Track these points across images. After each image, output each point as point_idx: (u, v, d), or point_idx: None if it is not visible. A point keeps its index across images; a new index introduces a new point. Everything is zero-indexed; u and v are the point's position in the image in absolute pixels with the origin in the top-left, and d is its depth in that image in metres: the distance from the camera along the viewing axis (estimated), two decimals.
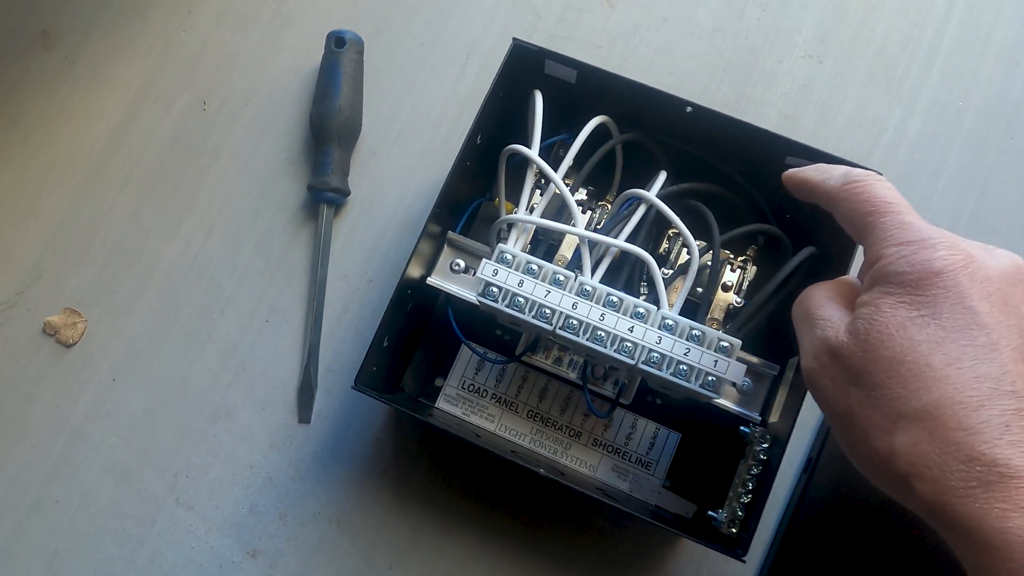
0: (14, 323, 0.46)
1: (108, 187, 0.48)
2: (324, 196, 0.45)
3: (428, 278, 0.39)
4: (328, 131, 0.45)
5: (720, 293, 0.40)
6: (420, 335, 0.45)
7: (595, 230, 0.40)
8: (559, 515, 0.43)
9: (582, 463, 0.43)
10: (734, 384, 0.38)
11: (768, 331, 0.41)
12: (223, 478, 0.44)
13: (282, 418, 0.44)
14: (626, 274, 0.38)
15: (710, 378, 0.34)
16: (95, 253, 0.47)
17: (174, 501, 0.43)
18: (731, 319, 0.40)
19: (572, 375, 0.43)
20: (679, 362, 0.34)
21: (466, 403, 0.44)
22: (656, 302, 0.36)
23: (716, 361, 0.34)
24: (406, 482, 0.43)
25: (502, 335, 0.44)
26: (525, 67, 0.39)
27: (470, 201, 0.43)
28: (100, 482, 0.44)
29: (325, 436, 0.44)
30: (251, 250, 0.47)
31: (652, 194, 0.37)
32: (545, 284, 0.35)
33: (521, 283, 0.35)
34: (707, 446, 0.42)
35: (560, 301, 0.35)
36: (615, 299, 0.35)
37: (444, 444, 0.44)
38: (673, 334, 0.35)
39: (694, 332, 0.35)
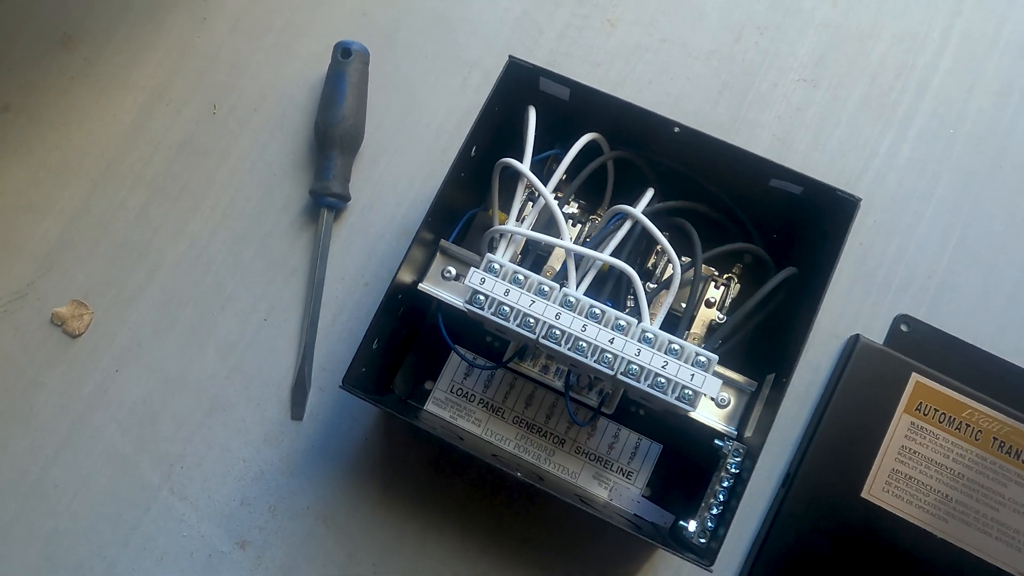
0: (24, 312, 0.48)
1: (119, 185, 0.50)
2: (325, 201, 0.47)
3: (420, 284, 0.41)
4: (331, 138, 0.47)
5: (703, 309, 0.41)
6: (412, 339, 0.46)
7: (584, 243, 0.41)
8: (539, 520, 0.44)
9: (564, 470, 0.44)
10: (713, 399, 0.39)
11: (748, 348, 0.42)
12: (216, 470, 0.45)
13: (276, 414, 0.46)
14: (611, 287, 0.39)
15: (687, 391, 0.35)
16: (104, 248, 0.49)
17: (168, 490, 0.45)
18: (713, 335, 0.40)
19: (558, 383, 0.44)
20: (656, 375, 0.35)
21: (454, 407, 0.45)
22: (638, 315, 0.37)
23: (693, 375, 0.35)
24: (393, 482, 0.45)
25: (492, 342, 0.46)
26: (520, 83, 0.40)
27: (465, 210, 0.45)
28: (99, 468, 0.45)
29: (316, 434, 0.45)
30: (253, 251, 0.48)
31: (638, 211, 0.38)
32: (530, 294, 0.37)
33: (507, 292, 0.37)
34: (687, 458, 0.43)
35: (544, 311, 0.36)
36: (597, 311, 0.36)
37: (431, 446, 0.45)
38: (652, 347, 0.36)
39: (673, 346, 0.36)
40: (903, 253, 0.47)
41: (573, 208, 0.44)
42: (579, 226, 0.43)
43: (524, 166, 0.39)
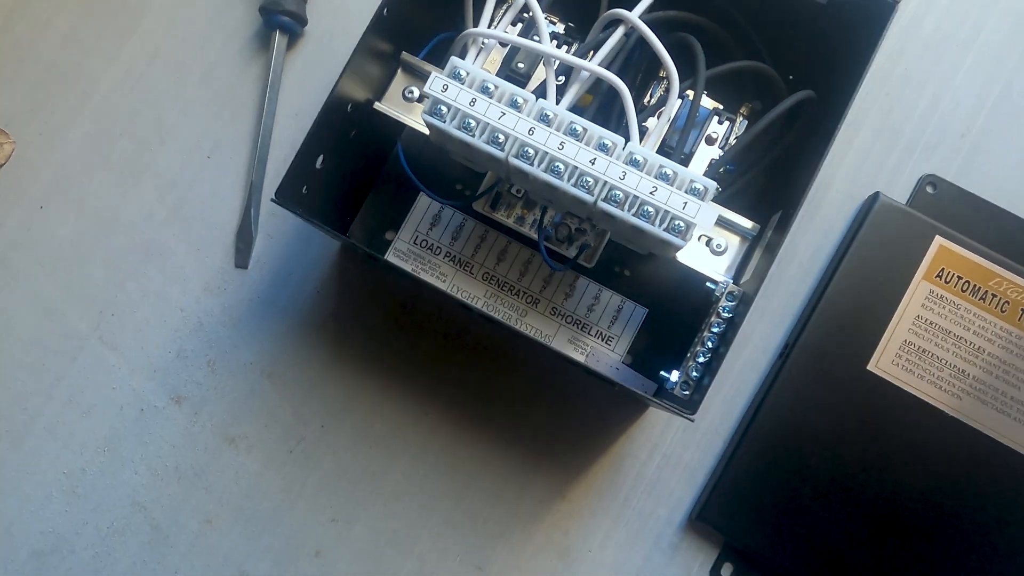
0: None
1: (45, 1, 0.43)
2: (277, 20, 0.41)
3: (376, 103, 0.35)
4: None
5: (703, 146, 0.36)
6: (371, 183, 0.41)
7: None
8: (508, 387, 0.39)
9: (538, 332, 0.39)
10: (710, 243, 0.34)
11: (758, 193, 0.37)
12: (151, 319, 0.41)
13: (218, 261, 0.41)
14: (596, 108, 0.34)
15: (677, 222, 0.30)
16: (28, 72, 0.43)
17: (98, 339, 0.40)
18: (711, 176, 0.35)
19: (534, 234, 0.39)
20: (644, 202, 0.30)
21: (417, 259, 0.40)
22: (627, 136, 0.32)
23: (686, 203, 0.30)
24: (346, 338, 0.40)
25: (463, 190, 0.40)
26: None
27: (435, 34, 0.39)
28: (20, 313, 0.41)
29: (263, 284, 0.41)
30: (197, 79, 0.42)
31: (635, 15, 0.32)
32: (501, 106, 0.31)
33: (473, 102, 0.31)
34: (675, 324, 0.39)
35: (516, 125, 0.31)
36: (578, 128, 0.31)
37: (390, 302, 0.40)
38: (640, 170, 0.30)
39: (664, 171, 0.30)
40: (934, 108, 0.41)
41: (559, 28, 0.38)
42: (564, 47, 0.37)
43: None
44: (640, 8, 0.33)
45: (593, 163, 0.30)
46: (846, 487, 0.37)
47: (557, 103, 0.32)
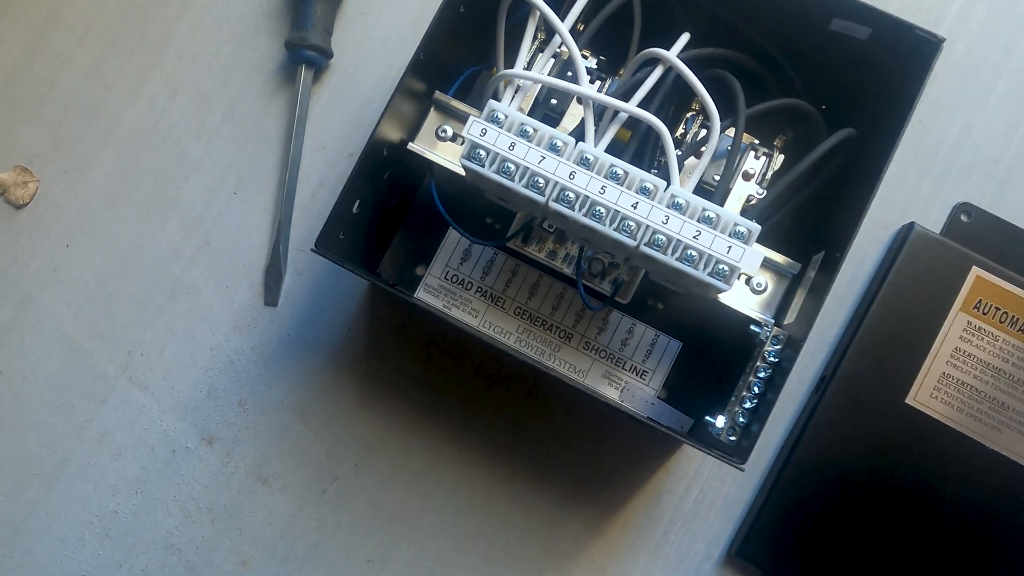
0: None
1: (66, 36, 0.43)
2: (303, 55, 0.40)
3: (410, 143, 0.35)
4: None
5: (740, 182, 0.36)
6: (401, 217, 0.40)
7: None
8: (542, 421, 0.39)
9: (571, 367, 0.39)
10: (749, 281, 0.34)
11: (790, 228, 0.36)
12: (180, 359, 0.40)
13: (247, 299, 0.41)
14: (634, 149, 0.33)
15: (721, 266, 0.30)
16: (50, 108, 0.42)
17: (127, 379, 0.40)
18: (751, 209, 0.35)
19: (567, 269, 0.38)
20: (687, 246, 0.30)
21: (448, 295, 0.40)
22: (667, 179, 0.31)
23: (730, 247, 0.30)
24: (378, 375, 0.40)
25: (492, 223, 0.40)
26: None
27: (465, 68, 0.38)
28: (48, 354, 0.40)
29: (293, 321, 0.40)
30: (221, 114, 0.42)
31: (672, 54, 0.32)
32: (540, 149, 0.31)
33: (512, 146, 0.31)
34: (710, 357, 0.38)
35: (556, 169, 0.31)
36: (619, 171, 0.30)
37: (421, 337, 0.40)
38: (683, 214, 0.30)
39: (707, 213, 0.30)
40: (967, 134, 0.41)
41: (592, 63, 0.37)
42: (598, 83, 0.37)
43: None
44: (678, 46, 0.32)
45: (635, 207, 0.30)
46: (886, 520, 0.36)
47: (596, 143, 0.32)
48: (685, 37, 0.33)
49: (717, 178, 0.34)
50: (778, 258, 0.34)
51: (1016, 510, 0.36)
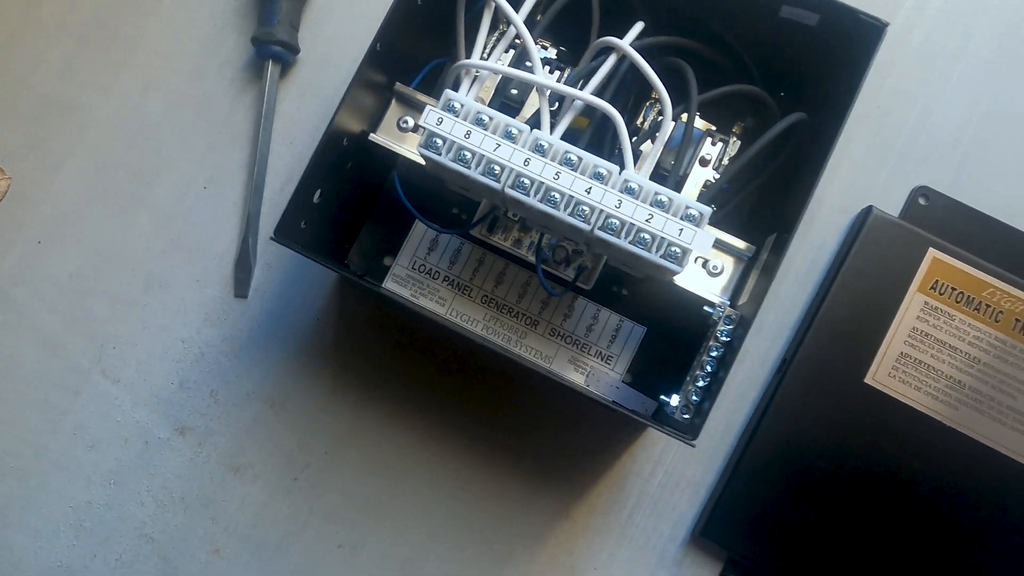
0: None
1: (39, 35, 0.44)
2: (269, 50, 0.41)
3: (371, 135, 0.35)
4: None
5: (697, 168, 0.36)
6: (369, 209, 0.41)
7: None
8: (511, 407, 0.40)
9: (538, 354, 0.40)
10: (706, 264, 0.35)
11: (748, 213, 0.37)
12: (153, 352, 0.41)
13: (218, 292, 0.41)
14: (590, 136, 0.34)
15: (673, 248, 0.30)
16: (23, 106, 0.43)
17: (100, 373, 0.41)
18: (707, 194, 0.36)
19: (531, 257, 0.39)
20: (640, 229, 0.30)
21: (416, 284, 0.41)
22: (621, 164, 0.32)
23: (681, 230, 0.30)
24: (348, 365, 0.40)
25: (459, 214, 0.41)
26: None
27: (429, 61, 0.39)
28: (22, 349, 0.41)
29: (263, 313, 0.41)
30: (192, 110, 0.43)
31: (625, 43, 0.32)
32: (496, 137, 0.31)
33: (468, 134, 0.31)
34: (673, 341, 0.39)
35: (511, 156, 0.31)
36: (573, 158, 0.31)
37: (390, 326, 0.40)
38: (635, 198, 0.31)
39: (660, 197, 0.31)
40: (925, 119, 0.41)
41: (551, 53, 0.38)
42: (557, 72, 0.38)
43: None
44: (631, 35, 0.33)
45: (589, 192, 0.31)
46: (846, 499, 0.37)
47: (552, 131, 0.33)
48: (639, 26, 0.34)
49: (673, 162, 0.35)
50: (736, 242, 0.34)
51: (973, 486, 0.37)
